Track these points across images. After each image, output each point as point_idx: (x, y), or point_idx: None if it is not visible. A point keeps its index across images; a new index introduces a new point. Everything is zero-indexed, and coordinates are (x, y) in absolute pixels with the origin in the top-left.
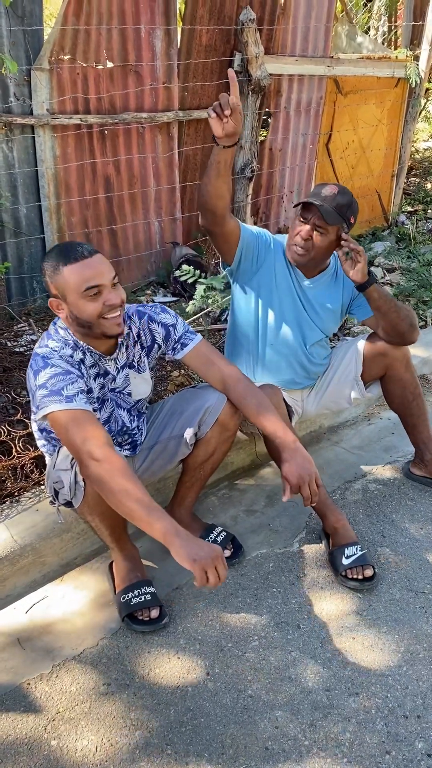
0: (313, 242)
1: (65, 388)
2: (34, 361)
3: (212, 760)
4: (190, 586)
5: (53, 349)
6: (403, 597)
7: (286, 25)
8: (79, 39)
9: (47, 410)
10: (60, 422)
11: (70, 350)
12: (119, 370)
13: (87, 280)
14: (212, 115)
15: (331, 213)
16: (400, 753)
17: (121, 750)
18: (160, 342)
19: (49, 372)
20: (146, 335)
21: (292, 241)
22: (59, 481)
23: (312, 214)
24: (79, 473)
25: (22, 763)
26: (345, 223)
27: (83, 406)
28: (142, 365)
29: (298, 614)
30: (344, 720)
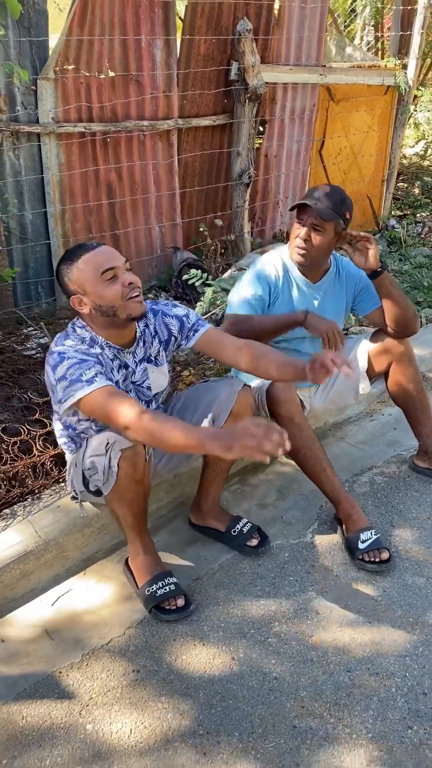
0: (312, 242)
1: (83, 374)
2: (51, 358)
3: (243, 739)
4: (209, 577)
5: (69, 346)
6: (415, 583)
7: (281, 35)
8: (83, 49)
9: (74, 398)
10: (89, 406)
11: (87, 347)
12: (137, 363)
13: (101, 264)
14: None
15: (326, 210)
16: (422, 728)
17: (154, 732)
18: (176, 333)
19: (66, 364)
20: (162, 330)
21: (293, 244)
22: (92, 467)
23: (308, 215)
24: (113, 459)
25: (59, 747)
26: (341, 218)
27: (104, 383)
28: (160, 359)
29: (315, 601)
30: (366, 698)
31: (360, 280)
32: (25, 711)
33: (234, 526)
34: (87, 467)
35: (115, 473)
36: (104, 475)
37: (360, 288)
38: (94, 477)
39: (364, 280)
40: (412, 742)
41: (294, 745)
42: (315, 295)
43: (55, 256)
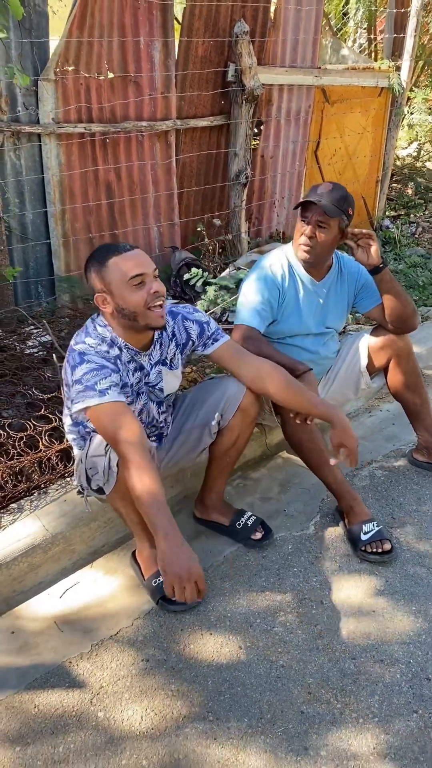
0: (317, 239)
1: (98, 383)
2: (71, 357)
3: (252, 724)
4: (215, 569)
5: (90, 345)
6: (416, 573)
7: (277, 37)
8: (83, 51)
9: (83, 405)
10: (95, 416)
11: (107, 347)
12: (153, 366)
13: (131, 269)
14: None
15: (330, 207)
16: (427, 711)
17: (165, 718)
18: (195, 338)
19: (84, 368)
20: (181, 333)
21: (298, 242)
22: (93, 467)
23: (312, 212)
24: (113, 460)
25: (72, 734)
26: (344, 214)
27: (116, 398)
28: (175, 362)
29: (319, 591)
30: (372, 684)
31: (360, 277)
32: (37, 700)
33: (238, 520)
34: (89, 467)
35: (115, 474)
36: (104, 475)
37: (360, 285)
38: (96, 477)
39: (364, 276)
40: (417, 726)
41: (302, 730)
42: (319, 293)
43: (55, 255)
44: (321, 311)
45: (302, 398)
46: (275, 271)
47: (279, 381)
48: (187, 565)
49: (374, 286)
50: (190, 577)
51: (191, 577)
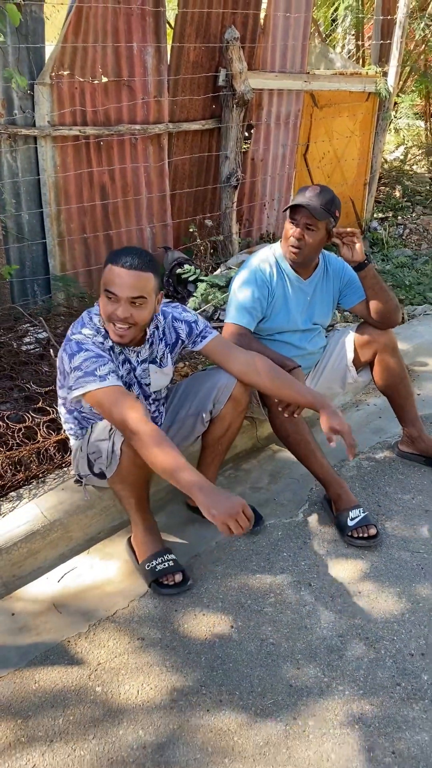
0: (305, 241)
1: (98, 369)
2: (68, 346)
3: (243, 698)
4: (207, 554)
5: (86, 335)
6: (401, 557)
7: (266, 43)
8: (78, 56)
9: (84, 390)
10: (97, 400)
11: (101, 338)
12: (139, 363)
13: (109, 283)
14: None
15: (318, 210)
16: (409, 684)
17: (160, 692)
18: (184, 338)
19: (83, 356)
20: (171, 333)
21: (287, 243)
22: (97, 451)
23: (301, 215)
24: (116, 443)
25: (71, 707)
26: (331, 217)
27: (116, 383)
28: (164, 361)
29: (308, 574)
30: (357, 660)
31: (344, 274)
32: (37, 676)
33: None
34: (91, 451)
35: (118, 457)
36: (107, 458)
37: (345, 282)
38: (99, 461)
39: (348, 274)
40: (400, 697)
41: (291, 702)
42: (306, 291)
43: (50, 255)
44: (308, 308)
45: (289, 388)
46: (264, 269)
47: (267, 372)
48: (229, 502)
49: (358, 282)
50: (237, 509)
51: (238, 508)
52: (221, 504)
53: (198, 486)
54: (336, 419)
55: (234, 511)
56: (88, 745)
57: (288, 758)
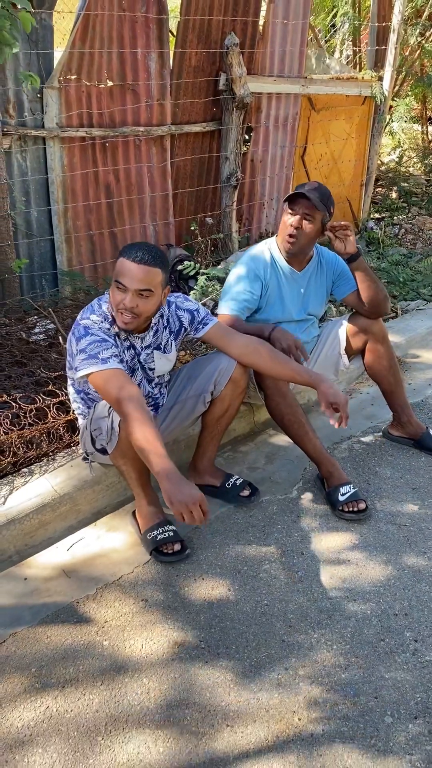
0: (303, 230)
1: (101, 352)
2: (76, 329)
3: (239, 651)
4: (206, 526)
5: (94, 321)
6: (388, 529)
7: (265, 49)
8: (85, 61)
9: (86, 371)
10: (97, 381)
11: (108, 324)
12: (143, 348)
13: (119, 275)
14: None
15: (317, 200)
16: (393, 640)
17: (162, 646)
18: (187, 325)
19: (89, 339)
20: (174, 321)
21: (284, 232)
22: (98, 428)
23: (300, 205)
24: (115, 421)
25: (81, 659)
26: (327, 211)
27: (116, 366)
28: (168, 347)
29: (300, 544)
30: (345, 619)
31: (337, 266)
32: (49, 632)
33: (228, 481)
34: (94, 428)
35: (117, 433)
36: (107, 435)
37: (337, 273)
38: (100, 437)
39: (341, 266)
40: (384, 651)
41: (283, 655)
42: (300, 282)
43: (58, 250)
44: (302, 299)
45: (286, 367)
46: (258, 263)
47: (264, 353)
48: (188, 492)
49: (349, 274)
50: (194, 501)
51: (195, 501)
52: (181, 494)
53: (166, 473)
54: (332, 392)
55: (191, 502)
56: (97, 690)
57: (279, 702)
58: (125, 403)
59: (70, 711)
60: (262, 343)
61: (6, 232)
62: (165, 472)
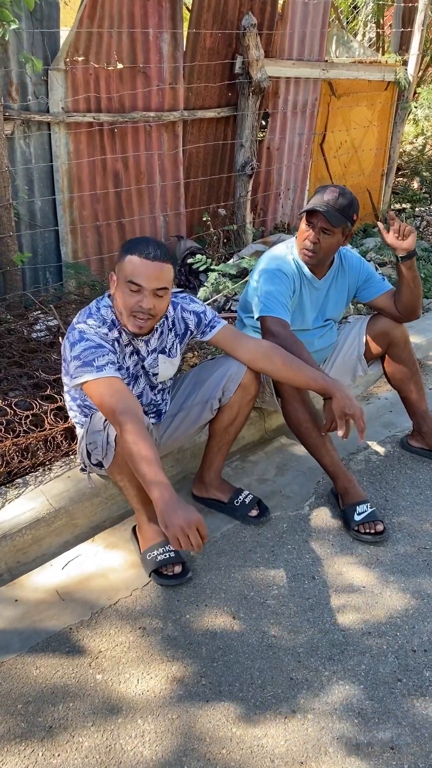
0: (321, 245)
1: (96, 360)
2: (71, 334)
3: (243, 689)
4: (211, 545)
5: (90, 325)
6: (407, 552)
7: (284, 30)
8: (93, 41)
9: (81, 380)
10: (92, 390)
11: (107, 329)
12: (149, 352)
13: (134, 274)
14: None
15: (336, 215)
16: (410, 680)
17: (160, 682)
18: (193, 328)
19: (83, 345)
20: (180, 323)
21: (301, 245)
22: (93, 442)
23: (317, 219)
24: (111, 435)
25: (71, 694)
26: (349, 221)
27: (113, 374)
28: (173, 351)
29: (312, 567)
30: (359, 654)
31: (362, 270)
32: (39, 662)
33: (236, 498)
34: (89, 442)
35: (113, 448)
36: (103, 450)
37: (363, 279)
38: (95, 451)
39: (366, 270)
40: (401, 693)
41: (291, 695)
42: (321, 289)
43: (62, 242)
44: (321, 307)
45: (301, 374)
46: (288, 266)
47: (278, 358)
48: (184, 514)
49: (376, 277)
50: (190, 524)
51: (191, 524)
52: (176, 517)
53: (160, 492)
54: (347, 402)
55: (185, 526)
56: (87, 732)
57: (286, 751)
58: (120, 414)
59: (57, 756)
60: (274, 347)
61: (8, 222)
62: (159, 492)
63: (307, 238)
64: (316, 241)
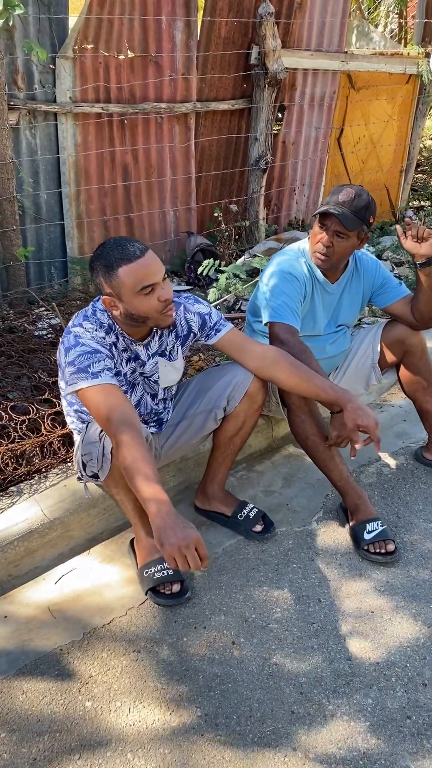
0: (334, 249)
1: (91, 366)
2: (66, 338)
3: (240, 722)
4: (212, 561)
5: (87, 329)
6: (419, 575)
7: (303, 20)
8: (102, 29)
9: (76, 387)
10: (87, 398)
11: (104, 333)
12: (150, 356)
13: (142, 280)
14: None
15: (351, 218)
16: (420, 718)
17: (153, 711)
18: (196, 330)
19: (78, 350)
20: (182, 325)
21: (314, 248)
22: (88, 453)
23: (331, 221)
24: (107, 447)
25: (58, 723)
26: (365, 224)
27: (109, 381)
28: (174, 354)
29: (318, 588)
30: (366, 687)
31: (378, 274)
32: (26, 686)
33: (240, 511)
34: (84, 453)
35: (109, 460)
36: (98, 462)
37: (379, 284)
38: (90, 463)
39: (382, 275)
40: (410, 732)
41: (292, 730)
42: (334, 294)
43: (69, 236)
44: (334, 312)
45: (310, 383)
46: (299, 269)
47: (285, 367)
48: (182, 533)
49: (393, 282)
50: (188, 544)
51: (189, 543)
52: (173, 533)
53: (157, 507)
54: (362, 414)
55: (182, 545)
56: (73, 766)
57: None
58: (115, 423)
59: None
60: (282, 354)
61: (11, 215)
62: (156, 508)
63: (320, 241)
64: (330, 245)
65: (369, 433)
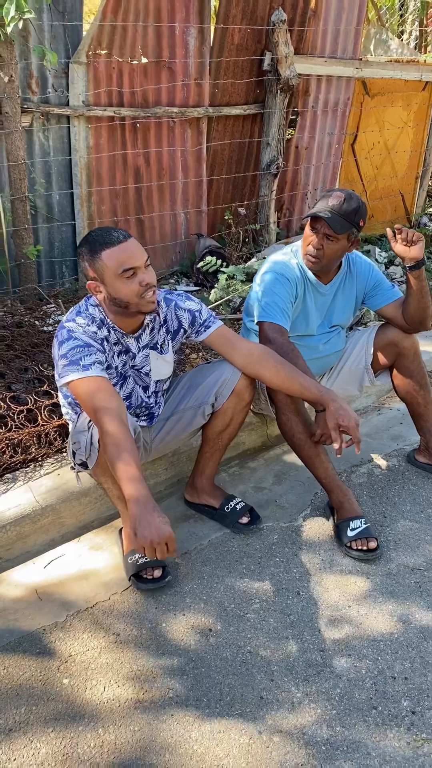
0: (324, 251)
1: (83, 359)
2: (59, 333)
3: (210, 705)
4: (197, 552)
5: (79, 324)
6: (399, 572)
7: (317, 27)
8: (116, 35)
9: (67, 379)
10: (78, 389)
11: (96, 327)
12: (140, 349)
13: (123, 262)
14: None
15: (340, 222)
16: (386, 709)
17: (127, 691)
18: (186, 327)
19: (70, 344)
20: (173, 320)
21: (305, 250)
22: (77, 442)
23: (321, 224)
24: (94, 436)
25: (35, 698)
26: (354, 227)
27: (99, 374)
28: (165, 348)
29: (298, 582)
30: (335, 677)
31: (371, 277)
32: (7, 662)
33: (227, 504)
34: (73, 442)
35: (97, 449)
36: (86, 451)
37: (372, 285)
38: (79, 452)
39: (375, 276)
40: (374, 721)
41: (259, 715)
42: (327, 295)
43: (80, 236)
44: (327, 312)
45: (294, 381)
46: (291, 274)
47: (271, 365)
48: (156, 528)
49: (386, 284)
50: (160, 540)
51: (161, 540)
52: (147, 527)
53: (135, 498)
54: (343, 414)
55: (155, 540)
56: (46, 738)
57: None
58: (102, 414)
59: (13, 761)
60: (268, 352)
61: (24, 215)
62: (135, 498)
63: (311, 243)
64: (320, 248)
65: (349, 433)
